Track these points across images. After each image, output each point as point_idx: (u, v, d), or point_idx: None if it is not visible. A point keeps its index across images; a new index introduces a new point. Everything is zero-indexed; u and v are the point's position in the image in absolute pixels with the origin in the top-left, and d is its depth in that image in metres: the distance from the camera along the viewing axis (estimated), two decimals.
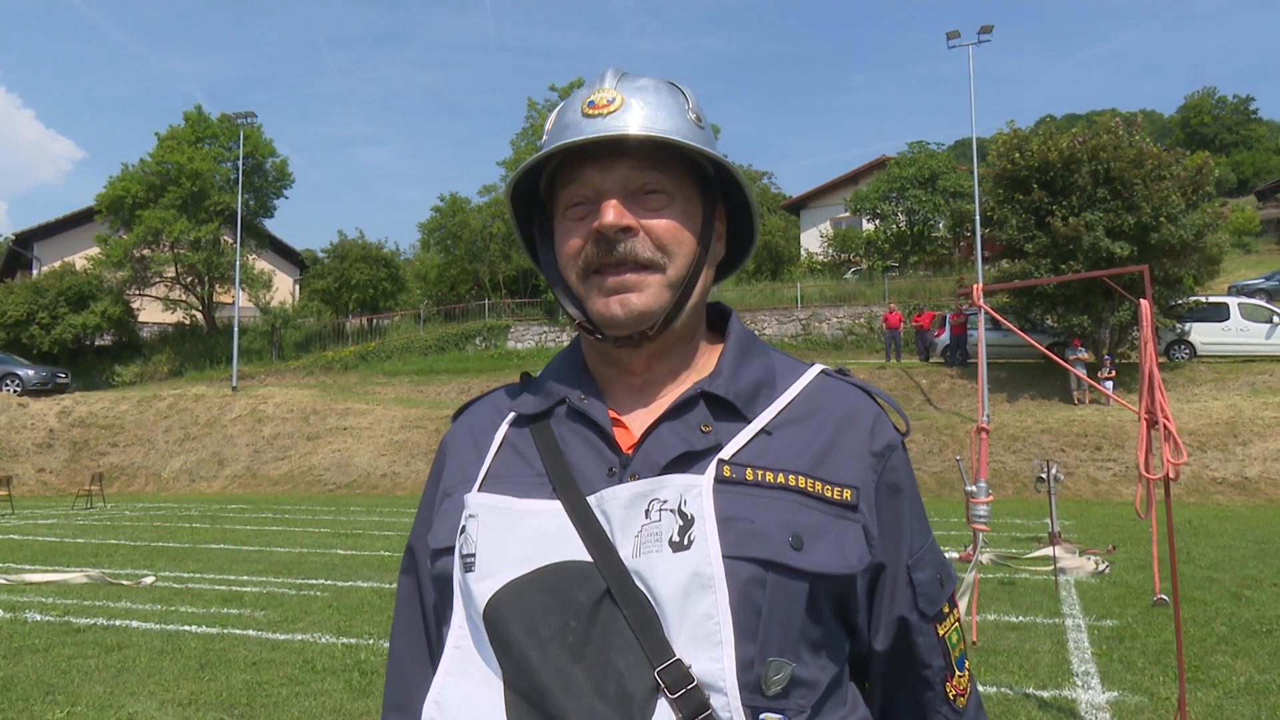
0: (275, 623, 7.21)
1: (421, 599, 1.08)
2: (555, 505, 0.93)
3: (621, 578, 0.88)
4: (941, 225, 32.10)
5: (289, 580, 9.23)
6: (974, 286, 5.84)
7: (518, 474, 0.99)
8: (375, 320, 35.82)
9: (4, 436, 24.83)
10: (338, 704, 5.07)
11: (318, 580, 9.20)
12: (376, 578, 9.23)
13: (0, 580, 9.18)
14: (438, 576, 1.00)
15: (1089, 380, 11.80)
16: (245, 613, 7.62)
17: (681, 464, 0.94)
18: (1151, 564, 7.31)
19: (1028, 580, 8.56)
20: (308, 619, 7.32)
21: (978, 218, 23.34)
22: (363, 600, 8.10)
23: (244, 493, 22.10)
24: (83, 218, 37.66)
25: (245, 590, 8.65)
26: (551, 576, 0.90)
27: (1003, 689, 5.19)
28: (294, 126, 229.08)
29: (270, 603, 8.04)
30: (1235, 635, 6.35)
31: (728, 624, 0.85)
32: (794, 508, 0.92)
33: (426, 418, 23.75)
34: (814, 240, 38.89)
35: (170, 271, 34.23)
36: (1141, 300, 4.78)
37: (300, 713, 4.94)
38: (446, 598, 0.98)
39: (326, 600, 8.11)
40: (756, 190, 41.82)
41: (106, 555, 11.23)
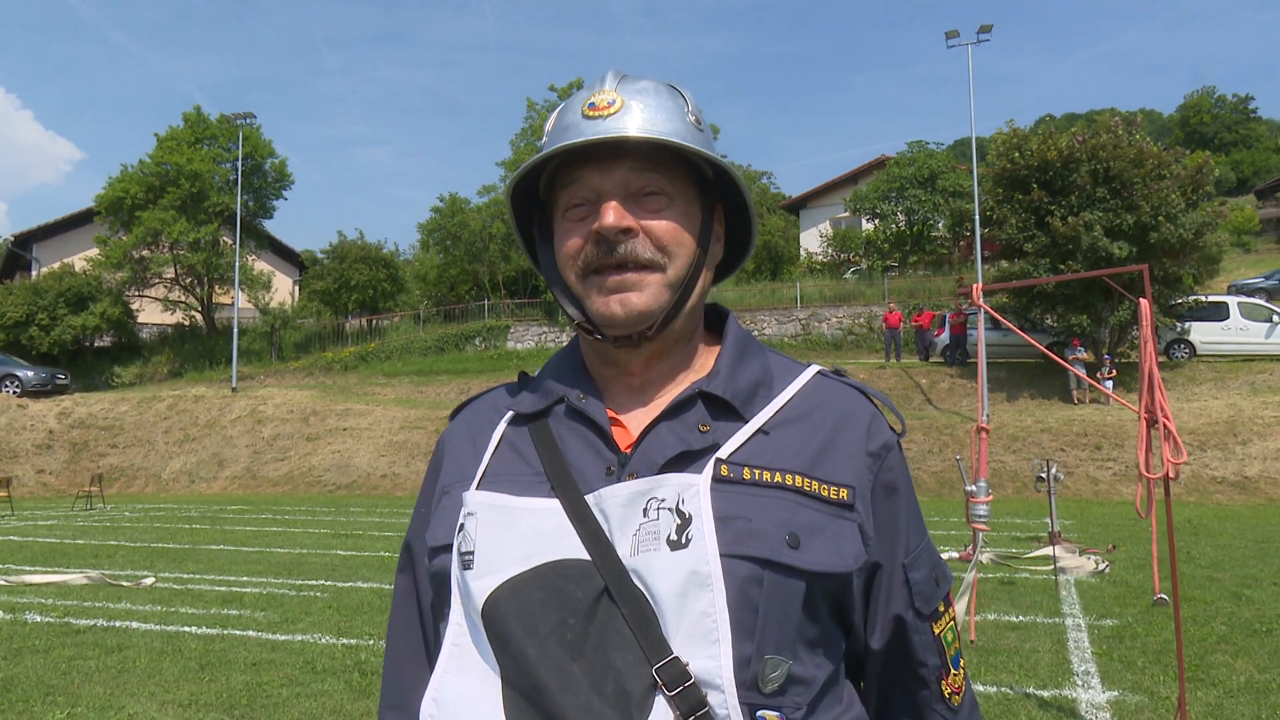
0: (275, 623, 7.21)
1: (418, 597, 1.08)
2: (554, 503, 0.94)
3: (619, 576, 0.89)
4: (941, 225, 32.10)
5: (289, 581, 9.23)
6: (973, 286, 5.84)
7: (516, 472, 0.99)
8: (375, 321, 35.81)
9: (4, 438, 24.83)
10: (338, 705, 5.07)
11: (318, 581, 9.20)
12: (376, 578, 9.23)
13: (0, 581, 9.18)
14: (435, 574, 1.00)
15: (1089, 380, 11.81)
16: (245, 614, 7.62)
17: (679, 463, 0.94)
18: (1151, 563, 7.32)
19: (1028, 580, 8.56)
20: (308, 620, 7.32)
21: (977, 217, 23.35)
22: (363, 601, 8.10)
23: (244, 494, 22.10)
24: (82, 219, 37.67)
25: (245, 591, 8.65)
26: (550, 574, 0.90)
27: (1003, 689, 5.19)
28: (294, 127, 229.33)
29: (270, 603, 8.04)
30: (1235, 634, 6.36)
31: (725, 622, 0.86)
32: (791, 507, 0.92)
33: (426, 418, 23.75)
34: (814, 240, 38.91)
35: (170, 272, 34.24)
36: (1141, 300, 4.78)
37: (300, 713, 4.95)
38: (444, 595, 0.98)
39: (326, 601, 8.11)
40: (756, 190, 41.83)
41: (106, 556, 11.23)
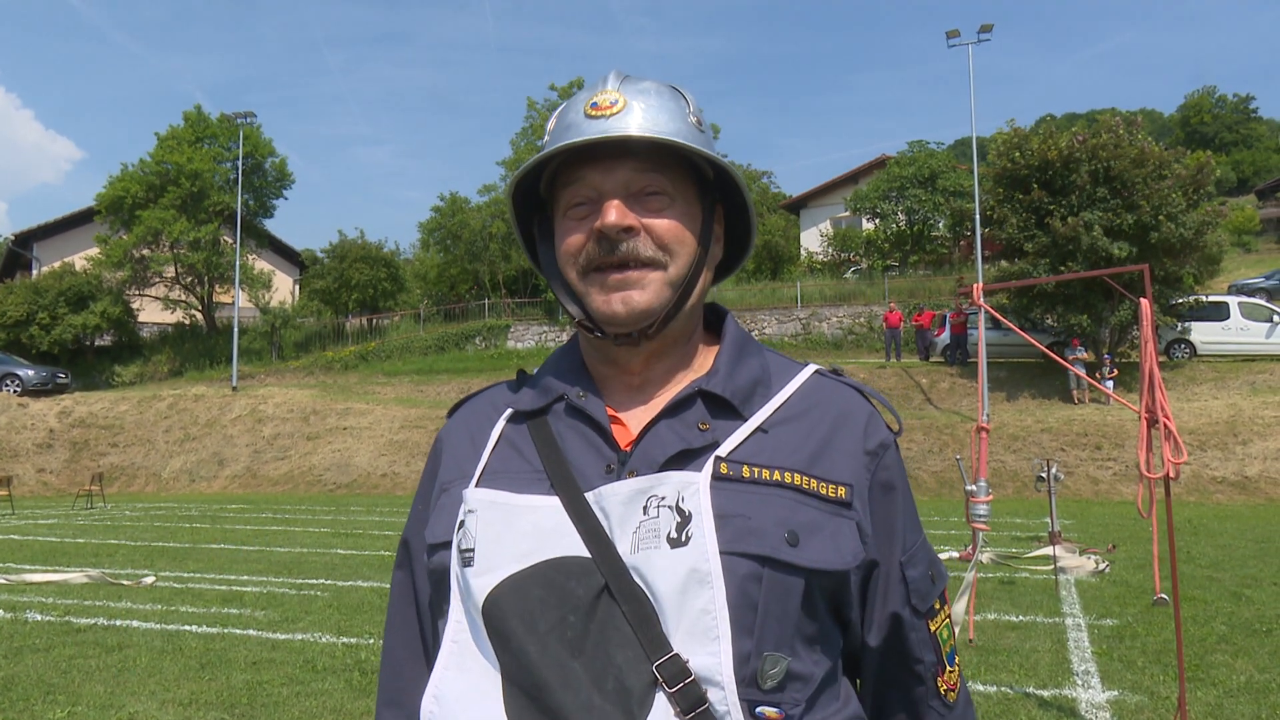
0: (275, 622, 7.21)
1: (416, 593, 1.08)
2: (553, 501, 0.94)
3: (620, 573, 0.89)
4: (941, 225, 32.10)
5: (289, 580, 9.24)
6: (974, 286, 5.84)
7: (515, 470, 0.99)
8: (375, 320, 35.81)
9: (4, 437, 24.84)
10: (338, 704, 5.08)
11: (318, 580, 9.20)
12: (376, 577, 9.23)
13: (1, 580, 9.19)
14: (434, 570, 1.01)
15: (1089, 379, 11.80)
16: (245, 613, 7.62)
17: (679, 461, 0.94)
18: (1151, 563, 7.32)
19: (1028, 579, 8.57)
20: (308, 619, 7.32)
21: (978, 217, 23.34)
22: (363, 600, 8.10)
23: (244, 493, 22.10)
24: (82, 218, 37.68)
25: (245, 590, 8.66)
26: (550, 572, 0.91)
27: (1003, 688, 5.20)
28: (294, 126, 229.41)
29: (270, 602, 8.05)
30: (1235, 634, 6.36)
31: (725, 619, 0.86)
32: (790, 505, 0.93)
33: (426, 417, 23.75)
34: (814, 240, 38.91)
35: (170, 271, 34.25)
36: (1142, 299, 4.79)
37: (301, 712, 4.95)
38: (443, 592, 0.98)
39: (327, 600, 8.11)
40: (756, 190, 41.82)
41: (107, 555, 11.24)
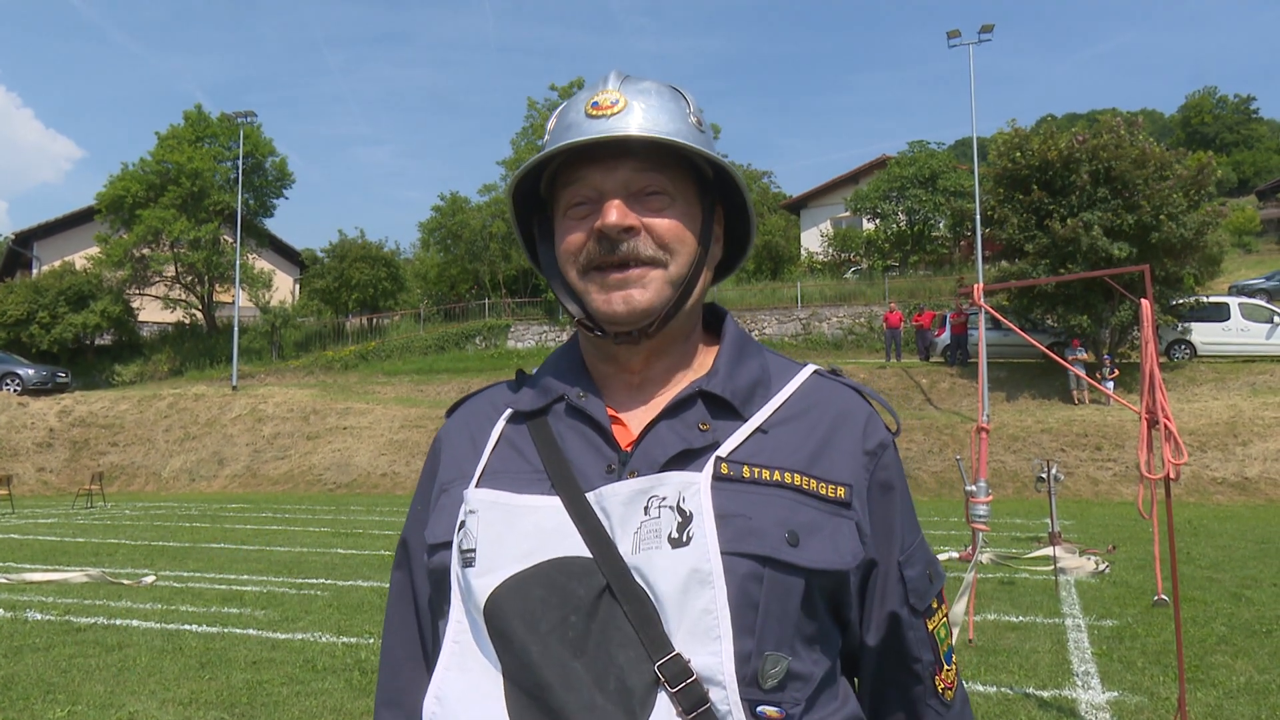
0: (275, 622, 7.21)
1: (415, 593, 1.08)
2: (554, 501, 0.94)
3: (621, 573, 0.89)
4: (942, 225, 32.09)
5: (289, 580, 9.24)
6: (974, 286, 5.84)
7: (516, 470, 0.99)
8: (375, 320, 35.82)
9: (4, 436, 24.84)
10: (338, 703, 5.08)
11: (318, 579, 9.20)
12: (376, 577, 9.23)
13: (1, 579, 9.19)
14: (434, 571, 1.01)
15: (1089, 380, 11.79)
16: (245, 612, 7.62)
17: (680, 461, 0.94)
18: (1150, 564, 7.32)
19: (1028, 580, 8.56)
20: (308, 618, 7.32)
21: (978, 217, 23.34)
22: (363, 599, 8.10)
23: (244, 492, 22.10)
24: (83, 217, 37.69)
25: (245, 590, 8.66)
26: (551, 572, 0.91)
27: (1002, 689, 5.20)
28: (294, 126, 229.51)
29: (270, 602, 8.05)
30: (1235, 635, 6.36)
31: (726, 619, 0.86)
32: (790, 505, 0.93)
33: (426, 417, 23.75)
34: (814, 240, 38.90)
35: (170, 271, 34.27)
36: (1143, 300, 4.78)
37: (300, 712, 4.95)
38: (443, 593, 0.98)
39: (327, 599, 8.11)
40: (756, 190, 41.81)
41: (107, 554, 11.24)
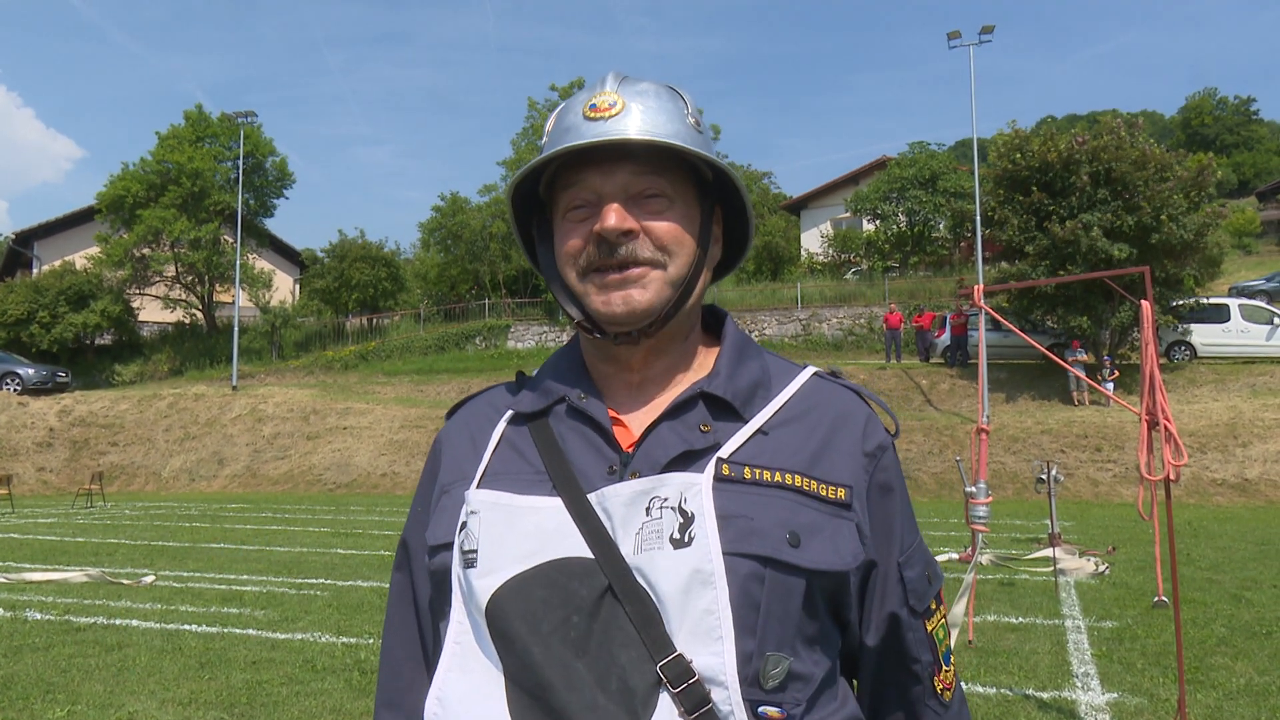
0: (275, 622, 7.21)
1: (415, 594, 1.08)
2: (556, 502, 0.94)
3: (623, 574, 0.89)
4: (942, 226, 32.08)
5: (289, 580, 9.24)
6: (975, 287, 5.84)
7: (517, 471, 0.99)
8: (375, 320, 35.82)
9: (4, 435, 24.83)
10: (337, 703, 5.08)
11: (317, 580, 9.20)
12: (376, 577, 9.23)
13: (0, 579, 9.18)
14: (435, 572, 1.01)
15: (1089, 381, 11.79)
16: (245, 612, 7.62)
17: (681, 462, 0.95)
18: (1150, 565, 7.32)
19: (1027, 581, 8.56)
20: (308, 618, 7.32)
21: (978, 218, 23.33)
22: (362, 600, 8.10)
23: (244, 492, 22.10)
24: (83, 217, 37.69)
25: (245, 589, 8.66)
26: (553, 572, 0.91)
27: (1002, 690, 5.20)
28: (294, 126, 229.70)
29: (270, 602, 8.04)
30: (1235, 637, 6.36)
31: (728, 619, 0.87)
32: (791, 506, 0.93)
33: (426, 417, 23.75)
34: (814, 240, 38.89)
35: (170, 271, 34.27)
36: (1143, 301, 4.78)
37: (300, 712, 4.95)
38: (445, 593, 0.98)
39: (326, 600, 8.11)
40: (756, 190, 41.81)
41: (106, 554, 11.24)
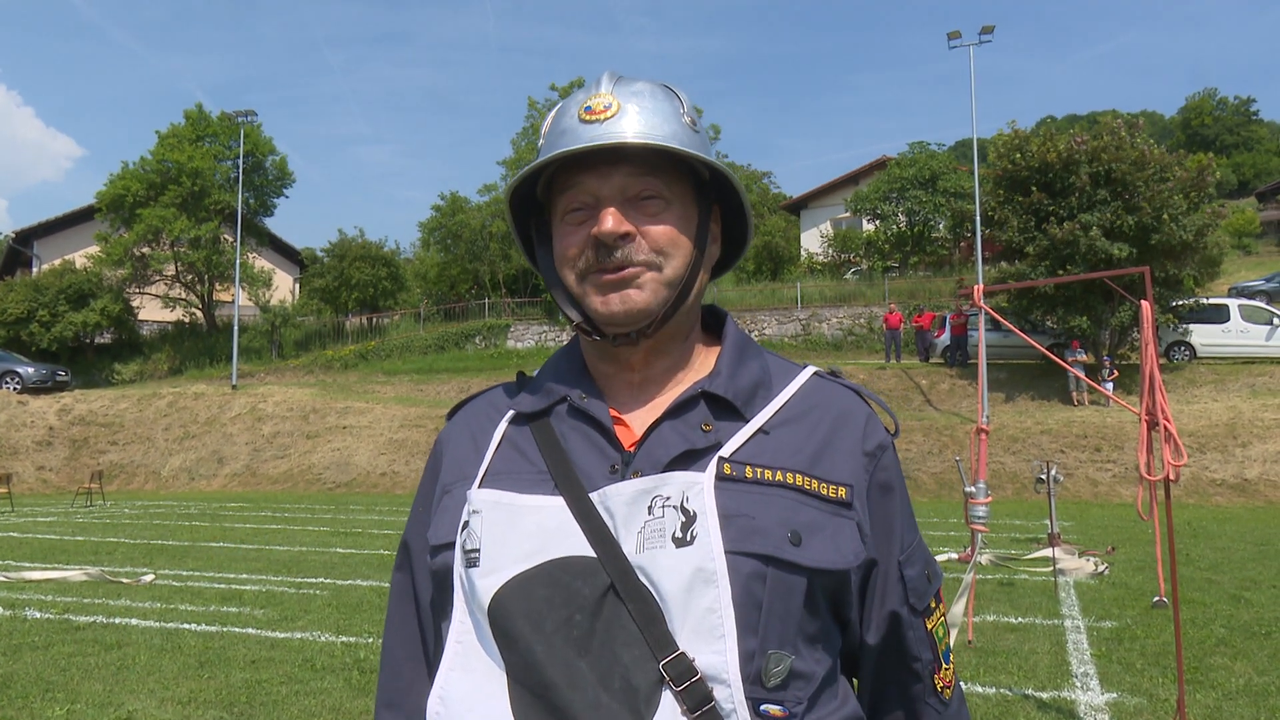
0: (275, 621, 7.21)
1: (416, 595, 1.08)
2: (558, 501, 0.94)
3: (625, 573, 0.89)
4: (942, 226, 32.08)
5: (288, 579, 9.24)
6: (974, 287, 5.84)
7: (519, 470, 1.00)
8: (375, 319, 35.82)
9: (4, 434, 24.83)
10: (337, 702, 5.08)
11: (317, 579, 9.20)
12: (376, 576, 9.23)
13: (0, 577, 9.18)
14: (437, 572, 1.01)
15: (1089, 381, 11.79)
16: (245, 611, 7.62)
17: (683, 462, 0.95)
18: (1149, 565, 7.32)
19: (1027, 581, 8.57)
20: (307, 617, 7.32)
21: (978, 218, 23.34)
22: (362, 599, 8.10)
23: (243, 491, 22.10)
24: (83, 216, 37.69)
25: (245, 589, 8.66)
26: (555, 571, 0.91)
27: (1001, 690, 5.20)
28: (294, 126, 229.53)
29: (270, 601, 8.05)
30: (1234, 637, 6.36)
31: (730, 618, 0.87)
32: (792, 505, 0.94)
33: (426, 417, 23.75)
34: (814, 240, 38.89)
35: (170, 270, 34.29)
36: (1143, 301, 4.78)
37: (299, 711, 4.95)
38: (446, 593, 0.98)
39: (326, 599, 8.11)
40: (756, 191, 41.81)
41: (106, 553, 11.24)
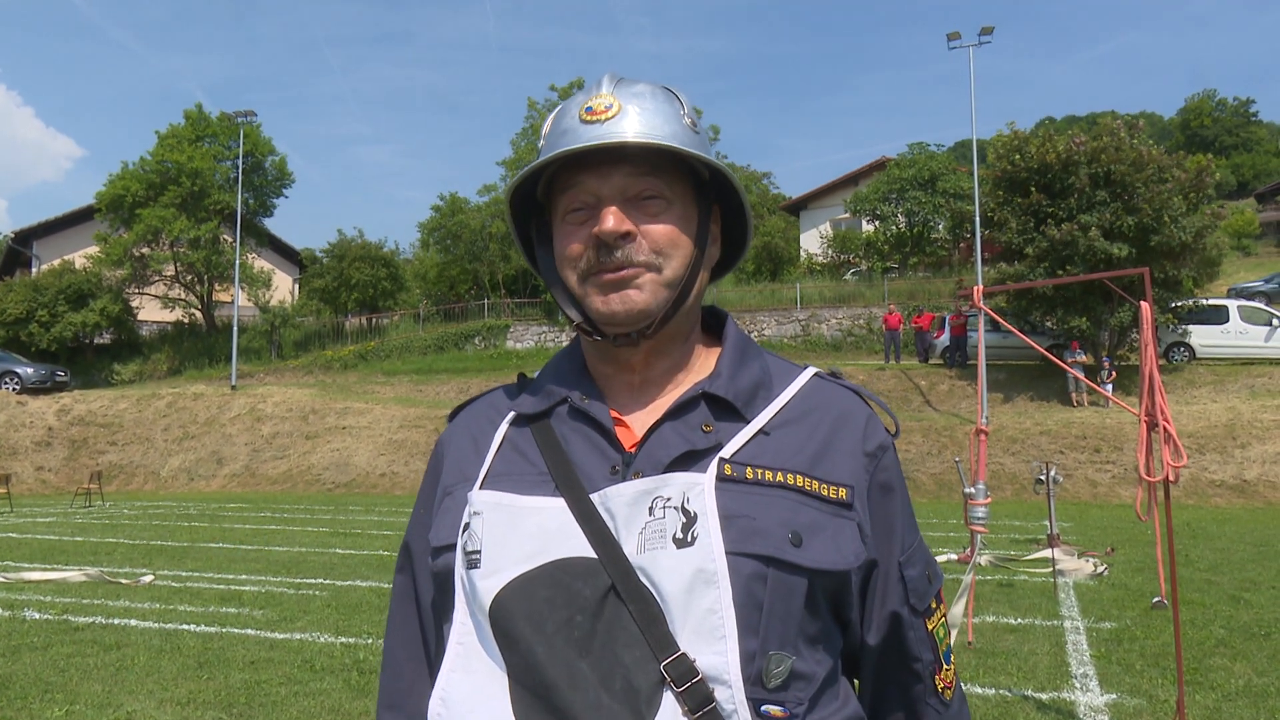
0: (274, 622, 7.21)
1: (417, 597, 1.08)
2: (559, 502, 0.94)
3: (626, 573, 0.89)
4: (941, 227, 32.10)
5: (287, 579, 9.23)
6: (974, 288, 5.84)
7: (520, 472, 1.00)
8: (374, 320, 35.81)
9: (3, 434, 24.82)
10: (336, 703, 5.08)
11: (316, 579, 9.20)
12: (375, 577, 9.23)
13: None
14: (438, 573, 1.01)
15: (1088, 382, 11.79)
16: (244, 612, 7.62)
17: (684, 463, 0.95)
18: (1149, 566, 7.32)
19: (1026, 582, 8.57)
20: (306, 618, 7.32)
21: (977, 219, 23.35)
22: (361, 599, 8.10)
23: (243, 492, 22.09)
24: (82, 216, 37.66)
25: (244, 589, 8.65)
26: (556, 572, 0.91)
27: (1001, 691, 5.20)
28: (294, 126, 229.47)
29: (269, 602, 8.04)
30: (1234, 638, 6.36)
31: (731, 618, 0.87)
32: (793, 506, 0.94)
33: (425, 417, 23.74)
34: (814, 241, 38.89)
35: (170, 270, 34.26)
36: (1142, 302, 4.77)
37: (299, 712, 4.95)
38: (448, 595, 0.98)
39: (325, 599, 8.11)
40: (756, 191, 41.82)
41: (105, 554, 11.23)
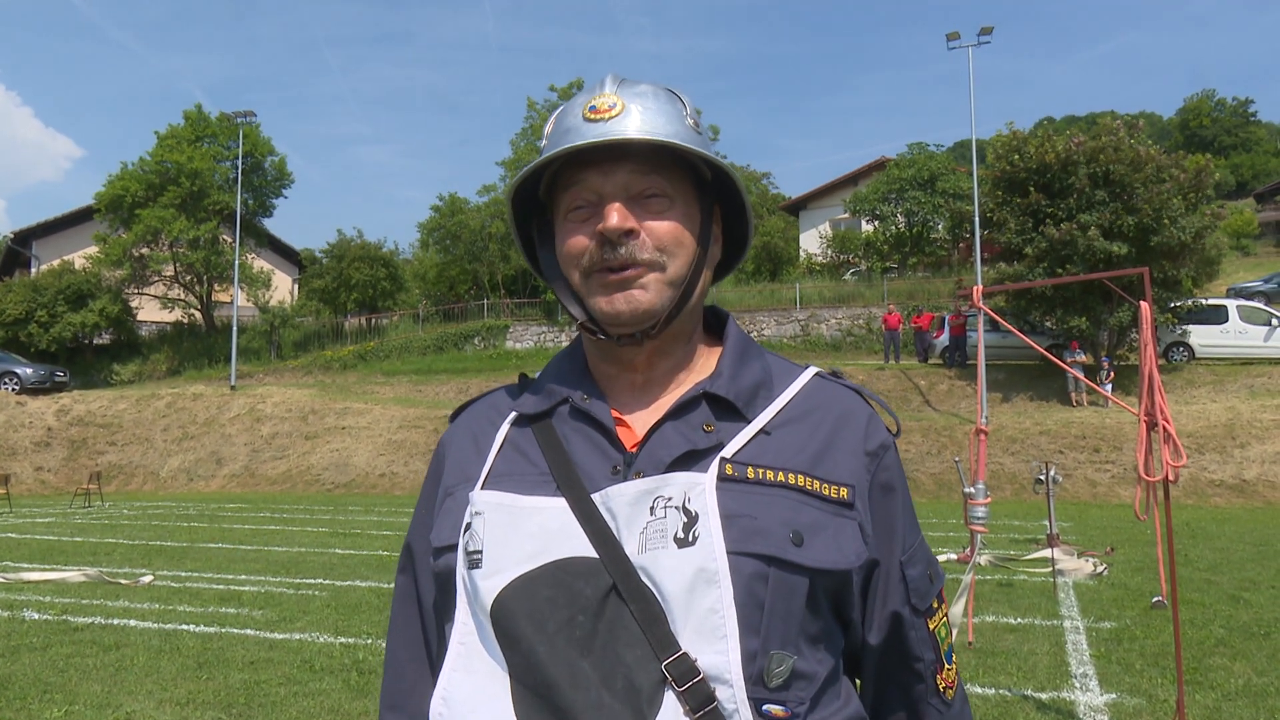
0: (273, 622, 7.21)
1: (419, 597, 1.08)
2: (560, 502, 0.94)
3: (627, 573, 0.89)
4: (940, 227, 32.11)
5: (287, 580, 9.23)
6: (973, 288, 5.84)
7: (521, 472, 1.00)
8: (374, 320, 35.80)
9: (2, 435, 24.80)
10: (336, 703, 5.07)
11: (316, 580, 9.20)
12: (375, 577, 9.23)
13: None
14: (440, 574, 1.01)
15: (1088, 382, 11.79)
16: (243, 612, 7.62)
17: (685, 462, 0.95)
18: (1149, 566, 7.33)
19: (1026, 582, 8.57)
20: (306, 618, 7.32)
21: (977, 219, 23.36)
22: (361, 600, 8.10)
23: (242, 492, 22.08)
24: (82, 216, 37.65)
25: (243, 590, 8.65)
26: (558, 572, 0.91)
27: (1001, 690, 5.20)
28: (293, 126, 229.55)
29: (268, 602, 8.04)
30: (1233, 638, 6.37)
31: (732, 618, 0.87)
32: (794, 505, 0.94)
33: (425, 417, 23.73)
34: (813, 241, 38.91)
35: (169, 270, 34.25)
36: (1142, 302, 4.78)
37: (298, 712, 4.95)
38: (449, 595, 0.98)
39: (325, 600, 8.11)
40: (755, 191, 41.82)
41: (104, 554, 11.23)
